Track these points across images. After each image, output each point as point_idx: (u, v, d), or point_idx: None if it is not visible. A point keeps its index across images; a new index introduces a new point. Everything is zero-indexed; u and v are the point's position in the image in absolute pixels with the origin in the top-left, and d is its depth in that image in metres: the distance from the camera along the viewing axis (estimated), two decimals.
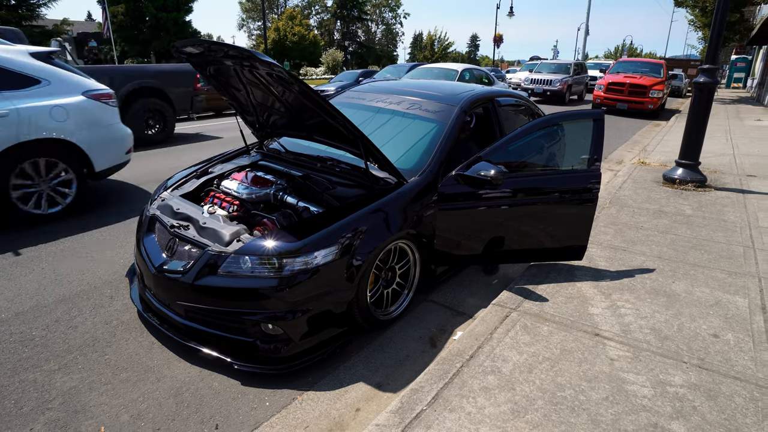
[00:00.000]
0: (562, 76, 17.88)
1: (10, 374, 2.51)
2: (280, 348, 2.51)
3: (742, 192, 5.94)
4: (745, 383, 2.37)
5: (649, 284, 3.40)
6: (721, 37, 5.70)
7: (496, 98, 4.03)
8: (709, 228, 4.59)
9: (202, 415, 2.28)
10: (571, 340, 2.71)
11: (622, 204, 5.34)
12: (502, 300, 3.15)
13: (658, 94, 14.64)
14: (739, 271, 3.65)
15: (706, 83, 5.80)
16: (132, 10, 35.29)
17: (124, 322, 3.01)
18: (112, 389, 2.42)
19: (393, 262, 3.01)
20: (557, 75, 18.00)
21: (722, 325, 2.90)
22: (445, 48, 69.51)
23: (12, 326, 2.94)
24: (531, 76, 18.64)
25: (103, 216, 4.92)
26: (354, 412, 2.34)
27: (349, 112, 3.78)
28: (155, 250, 2.84)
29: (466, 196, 3.18)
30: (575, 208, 3.40)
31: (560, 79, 17.63)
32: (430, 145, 3.31)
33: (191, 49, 2.85)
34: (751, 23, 21.56)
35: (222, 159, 3.76)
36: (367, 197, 2.85)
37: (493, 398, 2.23)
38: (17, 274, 3.62)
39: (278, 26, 45.35)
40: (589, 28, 32.05)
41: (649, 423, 2.09)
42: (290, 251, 2.44)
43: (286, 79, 2.54)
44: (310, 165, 3.33)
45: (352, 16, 61.98)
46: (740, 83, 31.62)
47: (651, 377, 2.39)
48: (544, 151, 3.60)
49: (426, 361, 2.71)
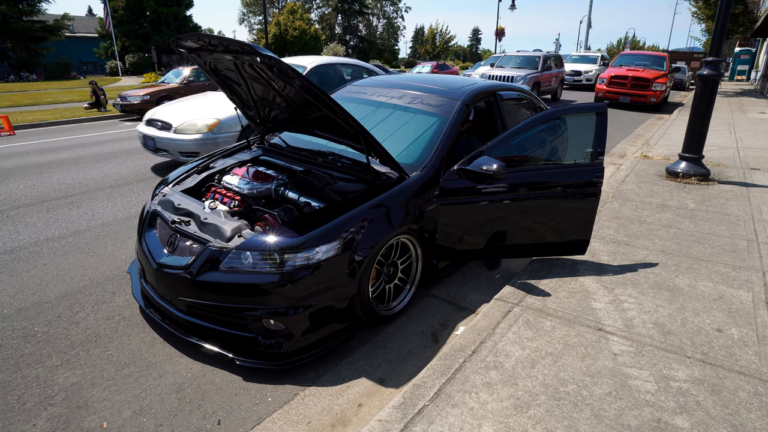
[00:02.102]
0: (527, 71, 15.01)
1: (13, 370, 2.51)
2: (282, 343, 2.50)
3: (745, 185, 5.90)
4: (750, 378, 2.36)
5: (652, 279, 3.39)
6: (724, 30, 5.64)
7: (498, 92, 4.00)
8: (712, 222, 4.57)
9: (205, 410, 2.28)
10: (573, 335, 2.70)
11: (624, 198, 5.32)
12: (505, 295, 3.14)
13: (661, 87, 14.54)
14: (743, 265, 3.63)
15: (710, 76, 5.75)
16: (132, 5, 35.21)
17: (126, 317, 3.01)
18: (115, 385, 2.43)
19: (395, 257, 3.00)
20: (521, 71, 15.11)
21: (726, 319, 2.88)
22: (446, 42, 69.21)
23: (14, 322, 2.95)
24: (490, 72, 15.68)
25: (104, 212, 4.92)
26: (356, 407, 2.34)
27: (350, 107, 3.77)
28: (157, 245, 2.83)
29: (468, 191, 3.17)
30: (578, 203, 3.38)
31: (524, 75, 14.65)
32: (431, 140, 3.29)
33: (191, 44, 2.83)
34: (755, 15, 21.37)
35: (223, 154, 3.74)
36: (369, 192, 2.83)
37: (496, 393, 2.22)
38: (19, 269, 3.62)
39: (279, 20, 45.16)
40: (591, 21, 31.89)
41: (653, 418, 2.08)
42: (292, 246, 2.43)
43: (287, 74, 2.52)
44: (312, 160, 3.31)
45: (353, 10, 61.66)
46: (744, 76, 31.41)
47: (654, 372, 2.38)
48: (546, 145, 3.58)
49: (428, 356, 2.71)
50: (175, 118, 6.30)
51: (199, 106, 6.65)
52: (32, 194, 5.51)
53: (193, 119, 6.16)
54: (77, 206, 5.06)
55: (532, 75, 14.90)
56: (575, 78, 21.42)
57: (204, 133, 6.03)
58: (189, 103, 6.91)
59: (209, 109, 6.41)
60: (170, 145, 6.13)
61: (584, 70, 21.38)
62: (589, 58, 22.89)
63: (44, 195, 5.48)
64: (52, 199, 5.32)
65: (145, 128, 6.55)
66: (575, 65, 21.96)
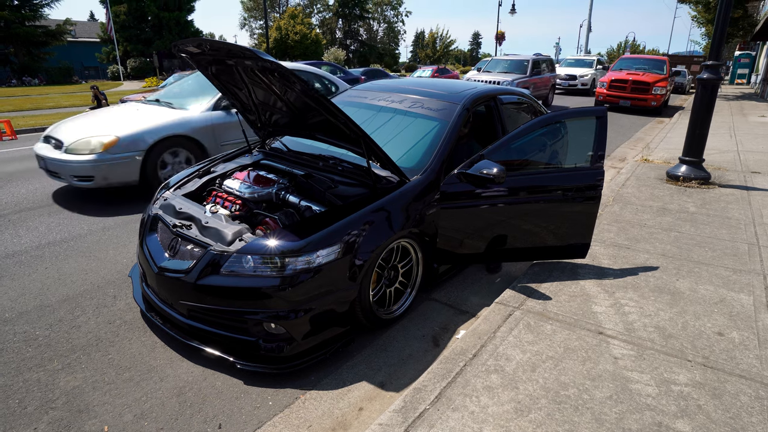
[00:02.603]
0: (514, 76, 14.42)
1: (14, 374, 2.52)
2: (283, 347, 2.51)
3: (746, 189, 5.90)
4: (751, 381, 2.36)
5: (653, 282, 3.39)
6: (724, 33, 5.66)
7: (499, 96, 4.01)
8: (713, 225, 4.57)
9: (205, 414, 2.28)
10: (574, 338, 2.70)
11: (625, 201, 5.32)
12: (505, 298, 3.14)
13: (661, 91, 14.57)
14: (744, 268, 3.63)
15: (710, 79, 5.77)
16: (134, 10, 35.37)
17: (127, 321, 3.02)
18: (116, 389, 2.43)
19: (395, 260, 3.01)
20: (509, 75, 14.58)
21: (727, 323, 2.88)
22: (447, 46, 69.38)
23: (16, 326, 2.95)
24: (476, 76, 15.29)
25: (106, 216, 4.93)
26: (357, 411, 2.34)
27: (350, 111, 3.78)
28: (158, 249, 2.84)
29: (468, 195, 3.17)
30: (578, 206, 3.38)
31: (511, 81, 14.02)
32: (432, 144, 3.30)
33: (192, 49, 2.85)
34: (754, 19, 21.44)
35: (224, 158, 3.76)
36: (370, 196, 2.84)
37: (497, 397, 2.22)
38: (21, 273, 3.63)
39: (280, 25, 45.33)
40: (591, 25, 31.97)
41: (654, 422, 2.08)
42: (292, 250, 2.44)
43: (288, 79, 2.53)
44: (312, 164, 3.32)
45: (354, 14, 61.89)
46: (744, 79, 31.47)
47: (655, 376, 2.38)
48: (546, 149, 3.58)
49: (429, 360, 2.71)
50: (70, 134, 5.28)
51: (102, 121, 5.65)
52: (34, 198, 5.52)
53: (87, 136, 5.13)
54: (79, 209, 5.07)
55: (520, 80, 14.17)
56: (570, 83, 20.70)
57: (98, 154, 4.99)
58: (94, 118, 5.85)
59: (110, 124, 5.44)
60: (61, 168, 5.10)
61: (579, 74, 20.63)
62: (585, 62, 22.11)
63: (46, 199, 5.50)
64: (53, 203, 5.33)
65: (40, 146, 5.49)
66: (570, 69, 21.18)
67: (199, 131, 5.70)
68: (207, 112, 5.86)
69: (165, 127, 5.43)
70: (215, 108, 5.94)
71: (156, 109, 5.97)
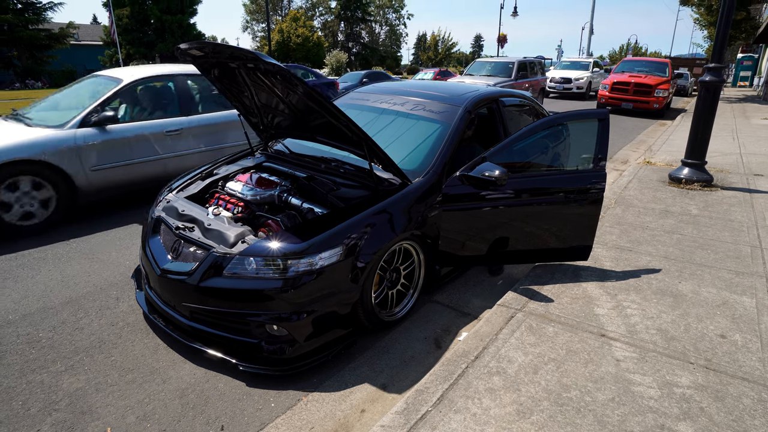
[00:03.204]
0: (497, 80, 13.33)
1: (18, 375, 2.53)
2: (285, 349, 2.51)
3: (749, 191, 5.89)
4: (753, 384, 2.35)
5: (656, 284, 3.38)
6: (726, 36, 5.66)
7: (501, 98, 4.02)
8: (715, 228, 4.56)
9: (208, 416, 2.28)
10: (576, 340, 2.69)
11: (627, 204, 5.32)
12: (507, 301, 3.14)
13: (664, 93, 14.56)
14: (747, 271, 3.62)
15: (712, 82, 5.77)
16: (137, 13, 35.50)
17: (130, 323, 3.03)
18: (119, 390, 2.44)
19: (397, 262, 3.01)
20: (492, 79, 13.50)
21: (729, 325, 2.88)
22: (449, 48, 69.52)
23: (19, 328, 2.96)
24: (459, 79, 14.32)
25: (109, 218, 4.95)
26: (359, 413, 2.34)
27: (352, 113, 3.79)
28: (160, 251, 2.85)
29: (470, 197, 3.18)
30: (580, 208, 3.38)
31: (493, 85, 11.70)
32: (434, 146, 3.30)
33: (195, 52, 2.87)
34: (757, 21, 21.41)
35: (227, 161, 3.77)
36: (372, 198, 2.85)
37: (499, 399, 2.22)
38: (24, 276, 3.64)
39: (282, 28, 45.49)
40: (593, 28, 31.96)
41: (656, 424, 2.07)
42: (295, 252, 2.45)
43: (290, 81, 2.55)
44: (315, 166, 3.33)
45: (356, 17, 62.04)
46: (746, 82, 31.42)
47: (658, 378, 2.38)
48: (548, 151, 3.59)
49: (431, 362, 2.71)
50: None
51: None
52: None
53: None
54: (80, 211, 5.08)
55: (504, 83, 12.96)
56: (564, 86, 19.77)
57: None
58: None
59: None
60: None
61: (574, 77, 19.67)
62: (581, 65, 21.15)
63: None
64: None
65: None
66: (564, 72, 20.24)
67: (57, 155, 4.37)
68: (70, 130, 4.53)
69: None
70: (83, 124, 4.60)
71: (3, 127, 4.63)
